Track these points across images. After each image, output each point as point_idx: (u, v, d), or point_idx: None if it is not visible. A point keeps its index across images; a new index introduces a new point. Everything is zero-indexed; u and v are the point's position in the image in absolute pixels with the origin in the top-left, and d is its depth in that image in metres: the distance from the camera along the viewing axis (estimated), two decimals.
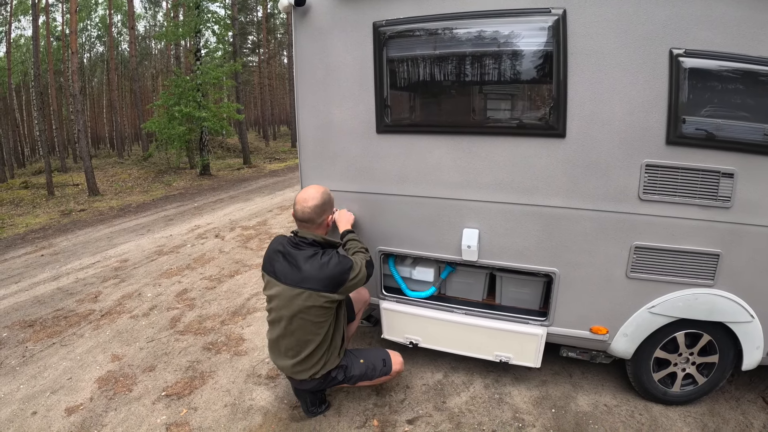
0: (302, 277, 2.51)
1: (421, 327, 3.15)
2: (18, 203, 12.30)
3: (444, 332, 3.09)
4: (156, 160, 20.15)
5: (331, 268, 2.51)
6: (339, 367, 2.75)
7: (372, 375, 2.81)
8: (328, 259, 2.54)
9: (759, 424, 2.77)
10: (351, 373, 2.77)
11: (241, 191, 12.32)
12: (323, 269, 2.51)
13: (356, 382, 2.81)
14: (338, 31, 2.85)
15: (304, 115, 3.10)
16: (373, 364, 2.82)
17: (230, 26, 17.55)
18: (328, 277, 2.49)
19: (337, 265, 2.53)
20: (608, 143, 2.45)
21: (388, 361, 2.85)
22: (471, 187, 2.79)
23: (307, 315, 2.54)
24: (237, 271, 5.65)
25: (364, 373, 2.79)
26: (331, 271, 2.51)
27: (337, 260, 2.55)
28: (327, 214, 2.68)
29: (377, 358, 2.86)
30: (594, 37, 2.35)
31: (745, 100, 2.27)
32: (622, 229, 2.55)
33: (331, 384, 2.78)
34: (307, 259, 2.54)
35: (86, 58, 32.83)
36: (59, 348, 3.89)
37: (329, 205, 2.69)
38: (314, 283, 2.49)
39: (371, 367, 2.81)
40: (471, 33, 2.57)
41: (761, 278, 2.48)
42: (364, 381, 2.82)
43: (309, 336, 2.60)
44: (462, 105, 2.79)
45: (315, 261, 2.53)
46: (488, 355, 3.04)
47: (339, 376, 2.75)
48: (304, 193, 2.65)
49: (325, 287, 2.50)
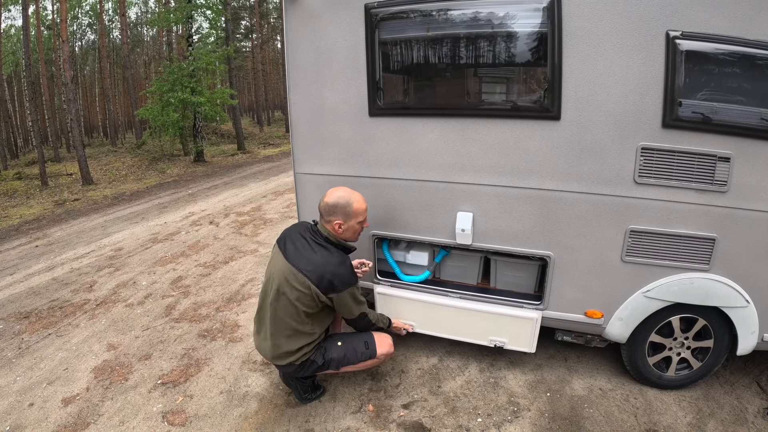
0: (306, 262, 2.52)
1: (415, 311, 3.14)
2: (11, 194, 12.20)
3: (438, 317, 3.09)
4: (150, 147, 20.02)
5: (333, 268, 2.50)
6: (316, 349, 2.69)
7: (353, 358, 2.72)
8: (339, 262, 2.54)
9: (753, 408, 2.78)
10: (329, 355, 2.69)
11: (235, 177, 12.25)
12: (327, 266, 2.50)
13: (338, 367, 2.73)
14: (330, 13, 2.80)
15: (295, 99, 3.06)
16: (353, 346, 2.73)
17: (223, 11, 17.33)
18: (330, 273, 2.48)
19: (341, 270, 2.52)
20: (603, 126, 2.42)
21: (370, 343, 2.76)
22: (465, 170, 2.77)
23: (292, 297, 2.52)
24: (232, 258, 5.63)
25: (343, 356, 2.70)
26: (333, 271, 2.49)
27: (346, 269, 2.56)
28: (335, 217, 2.57)
29: (358, 340, 2.77)
30: (589, 18, 2.31)
31: (742, 83, 2.24)
32: (617, 212, 2.54)
33: (310, 369, 2.69)
34: (318, 250, 2.56)
35: (77, 46, 32.38)
36: (55, 339, 3.88)
37: (341, 210, 2.56)
38: (315, 275, 2.48)
39: (351, 350, 2.72)
40: (465, 14, 2.52)
41: (757, 263, 2.47)
42: (347, 366, 2.74)
43: (291, 321, 2.56)
44: (456, 87, 2.76)
45: (324, 253, 2.54)
46: (483, 341, 3.03)
47: (318, 360, 2.67)
48: (332, 189, 2.65)
49: (320, 283, 2.48)
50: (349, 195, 2.60)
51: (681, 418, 2.71)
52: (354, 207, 2.58)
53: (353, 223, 2.61)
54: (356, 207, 2.59)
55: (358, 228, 2.66)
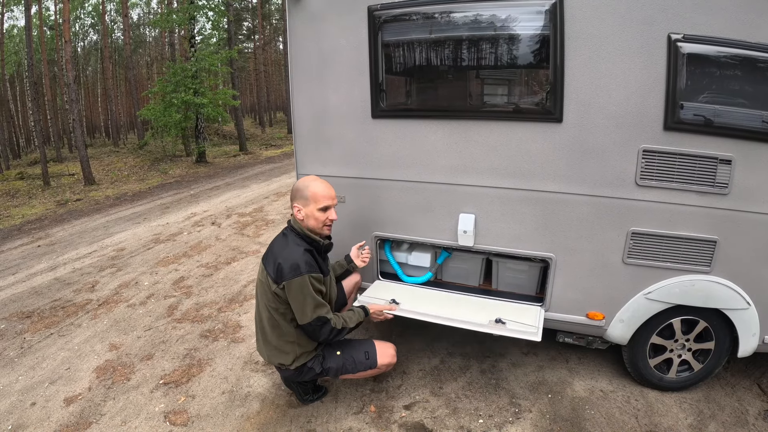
0: (268, 252, 2.56)
1: (413, 296, 3.06)
2: (14, 194, 12.22)
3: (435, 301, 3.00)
4: (152, 148, 20.02)
5: (285, 254, 2.43)
6: (315, 357, 2.64)
7: (352, 368, 2.66)
8: (293, 248, 2.46)
9: (754, 410, 2.78)
10: (327, 365, 2.64)
11: (237, 178, 12.27)
12: (281, 251, 2.47)
13: (336, 375, 2.70)
14: (333, 15, 2.82)
15: (298, 101, 3.07)
16: (353, 357, 2.67)
17: (225, 12, 17.37)
18: (282, 258, 2.42)
19: (293, 255, 2.41)
20: (605, 128, 2.43)
21: (371, 354, 2.68)
22: (467, 172, 2.78)
23: (265, 298, 2.52)
24: (234, 258, 5.64)
25: (341, 366, 2.65)
26: (285, 256, 2.43)
27: (298, 254, 2.42)
28: (294, 201, 2.56)
29: (359, 350, 2.70)
30: (591, 21, 2.32)
31: (744, 86, 2.25)
32: (618, 214, 2.54)
33: (308, 375, 2.65)
34: (280, 238, 2.58)
35: (80, 47, 32.45)
36: (57, 338, 3.89)
37: (299, 194, 2.54)
38: (270, 264, 2.48)
39: (350, 360, 2.66)
40: (467, 16, 2.53)
41: (758, 265, 2.47)
42: (345, 374, 2.70)
43: (271, 320, 2.55)
44: (458, 89, 2.77)
45: (282, 240, 2.55)
46: (483, 322, 2.69)
47: (316, 368, 2.63)
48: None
49: (272, 269, 2.44)
50: (310, 180, 2.58)
51: (682, 419, 2.71)
52: (311, 190, 2.52)
53: (312, 209, 2.52)
54: (313, 191, 2.52)
55: (321, 216, 2.54)
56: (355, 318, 2.62)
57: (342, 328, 2.52)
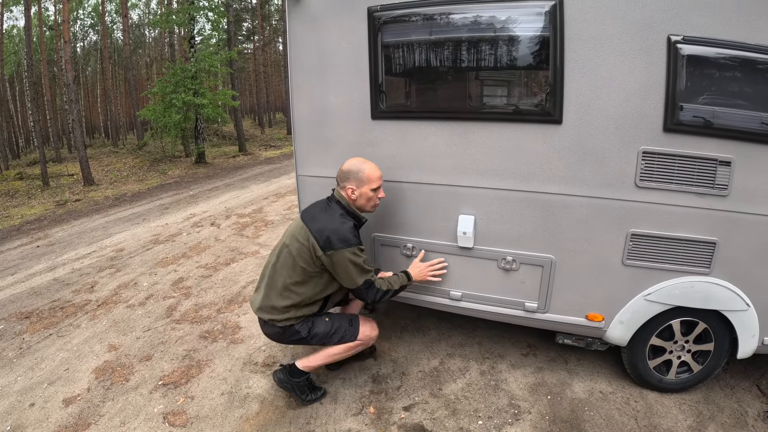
0: (312, 219, 2.69)
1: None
2: (13, 194, 12.22)
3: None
4: (151, 148, 20.04)
5: (334, 226, 2.60)
6: (304, 320, 2.77)
7: (338, 335, 2.80)
8: (342, 222, 2.63)
9: (754, 412, 2.78)
10: (315, 330, 2.77)
11: (236, 179, 12.27)
12: (330, 223, 2.62)
13: (321, 342, 2.81)
14: (333, 16, 2.81)
15: (298, 102, 3.07)
16: (339, 323, 2.83)
17: (225, 13, 17.38)
18: (330, 230, 2.59)
19: (343, 229, 2.60)
20: (605, 130, 2.43)
21: (354, 322, 2.86)
22: (467, 173, 2.77)
23: (294, 249, 2.66)
24: (233, 259, 5.64)
25: (327, 331, 2.78)
26: (333, 228, 2.59)
27: (347, 228, 2.61)
28: (348, 182, 2.70)
29: (345, 318, 2.88)
30: (591, 22, 2.32)
31: (743, 88, 2.24)
32: (618, 216, 2.54)
33: (293, 338, 2.78)
34: (327, 210, 2.71)
35: (79, 47, 32.46)
36: (56, 339, 3.88)
37: (353, 176, 2.69)
38: (316, 228, 2.62)
39: (336, 326, 2.81)
40: (467, 18, 2.53)
41: (757, 267, 2.47)
42: (330, 345, 2.81)
43: (286, 274, 2.68)
44: (458, 91, 2.76)
45: (330, 212, 2.68)
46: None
47: (302, 332, 2.75)
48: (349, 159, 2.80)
49: (319, 237, 2.59)
50: (362, 162, 2.73)
51: (681, 421, 2.71)
52: (366, 173, 2.69)
53: (366, 189, 2.70)
54: (368, 173, 2.69)
55: (372, 196, 2.73)
56: (398, 281, 2.81)
57: (387, 290, 2.74)
